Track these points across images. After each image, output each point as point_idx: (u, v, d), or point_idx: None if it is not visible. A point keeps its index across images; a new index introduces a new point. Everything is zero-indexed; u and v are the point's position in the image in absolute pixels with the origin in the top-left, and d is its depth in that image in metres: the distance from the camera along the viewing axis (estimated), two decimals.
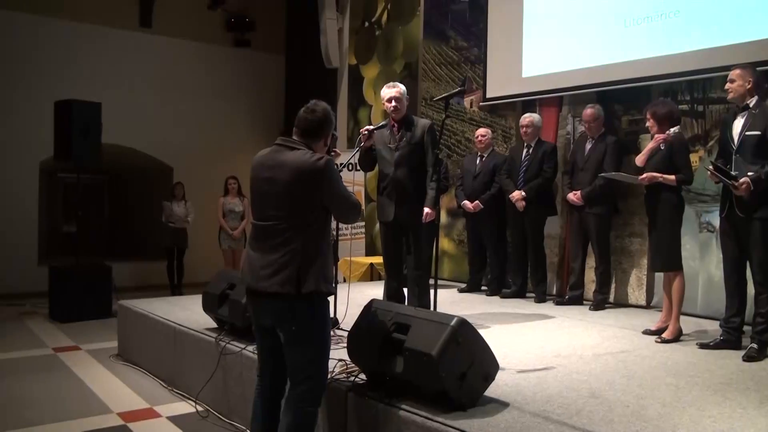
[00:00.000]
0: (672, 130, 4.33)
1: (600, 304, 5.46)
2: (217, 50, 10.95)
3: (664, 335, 4.28)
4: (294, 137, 2.80)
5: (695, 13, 5.33)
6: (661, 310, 4.61)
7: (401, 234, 4.56)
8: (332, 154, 3.02)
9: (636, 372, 3.49)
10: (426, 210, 4.33)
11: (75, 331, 6.64)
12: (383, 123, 4.55)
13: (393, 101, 4.46)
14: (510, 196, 5.91)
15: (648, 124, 4.45)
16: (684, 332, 4.35)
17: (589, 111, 5.54)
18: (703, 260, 5.24)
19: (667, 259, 4.35)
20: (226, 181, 8.65)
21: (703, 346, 4.07)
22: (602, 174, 5.17)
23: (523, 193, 5.81)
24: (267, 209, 2.73)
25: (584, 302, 5.66)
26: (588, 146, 5.55)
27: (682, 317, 4.38)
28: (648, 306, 5.60)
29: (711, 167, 3.90)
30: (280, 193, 2.68)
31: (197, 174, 10.28)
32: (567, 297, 5.72)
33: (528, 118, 5.96)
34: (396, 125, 4.52)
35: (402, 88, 4.50)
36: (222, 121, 10.94)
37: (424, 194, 4.40)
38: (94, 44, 9.69)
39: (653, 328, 4.47)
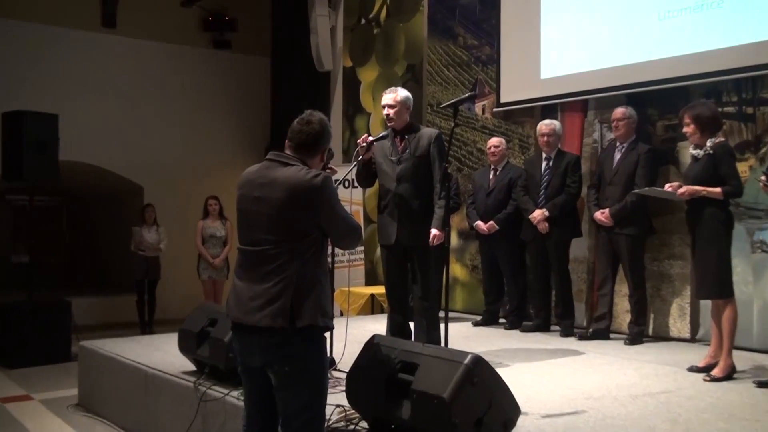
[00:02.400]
0: (709, 142, 4.35)
1: (636, 337, 5.46)
2: (193, 53, 11.05)
3: (713, 372, 4.27)
4: (287, 152, 2.85)
5: (742, 1, 5.38)
6: (708, 344, 4.63)
7: (405, 259, 4.58)
8: (328, 170, 3.07)
9: (681, 415, 3.49)
10: (434, 231, 4.35)
11: (27, 378, 6.62)
12: (384, 134, 4.58)
13: (386, 108, 4.51)
14: (530, 216, 5.91)
15: (686, 129, 4.43)
16: (737, 369, 4.35)
17: (619, 110, 5.56)
18: (758, 285, 5.25)
19: (714, 284, 4.35)
20: (206, 201, 8.68)
21: (761, 384, 4.07)
22: (635, 191, 5.19)
23: (546, 213, 5.83)
24: (257, 233, 2.76)
25: (611, 335, 5.67)
26: (617, 156, 5.56)
27: (734, 351, 4.38)
28: (693, 339, 5.60)
29: (763, 177, 3.93)
30: (272, 214, 2.72)
31: (171, 194, 10.33)
32: (591, 331, 5.72)
33: (549, 125, 5.99)
34: (398, 135, 4.56)
35: (402, 94, 4.53)
36: (199, 134, 11.02)
37: (430, 213, 4.43)
38: (49, 47, 9.76)
39: (700, 364, 4.47)
